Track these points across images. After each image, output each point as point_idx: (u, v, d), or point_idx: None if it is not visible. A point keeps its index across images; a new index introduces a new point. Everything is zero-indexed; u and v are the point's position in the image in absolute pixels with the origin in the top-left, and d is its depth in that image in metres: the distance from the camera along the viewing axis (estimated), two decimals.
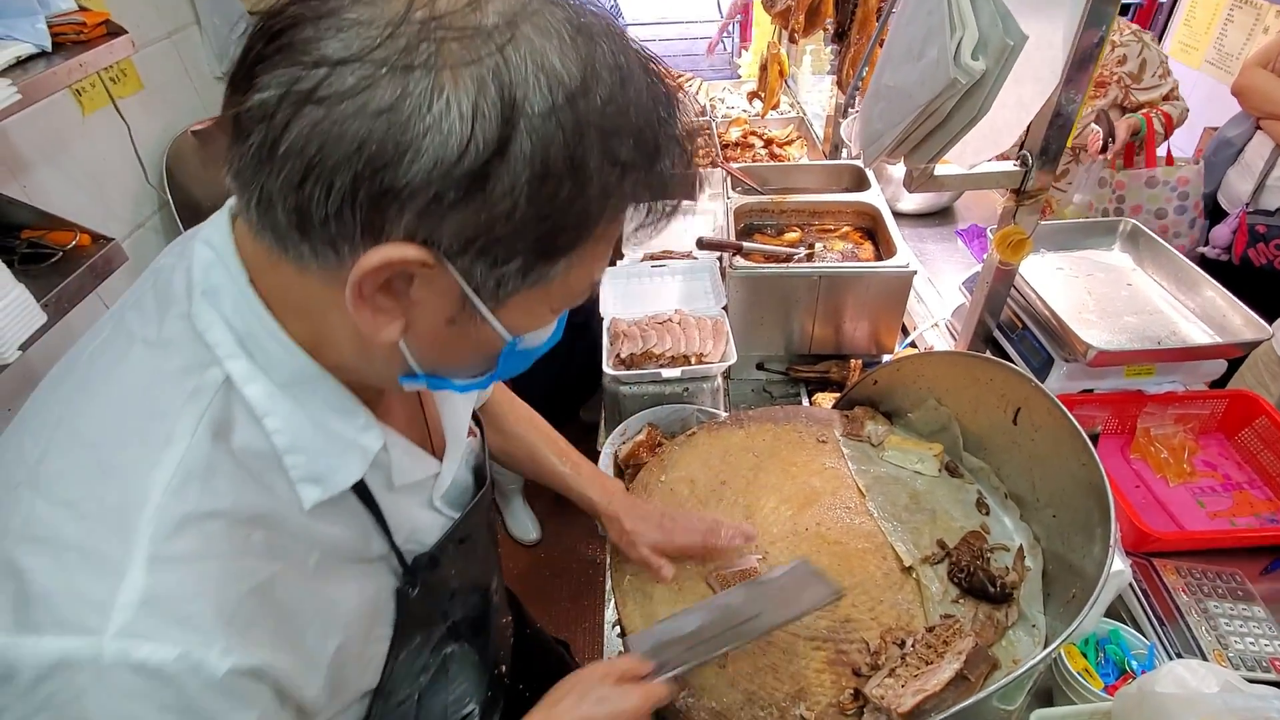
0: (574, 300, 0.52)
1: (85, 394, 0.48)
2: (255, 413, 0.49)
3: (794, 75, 3.00)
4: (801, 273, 1.50)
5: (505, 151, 0.40)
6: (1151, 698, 0.82)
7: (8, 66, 1.32)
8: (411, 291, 0.45)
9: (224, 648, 0.44)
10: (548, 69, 0.40)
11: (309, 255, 0.44)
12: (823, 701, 0.84)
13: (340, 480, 0.54)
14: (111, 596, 0.42)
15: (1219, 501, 1.27)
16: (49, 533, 0.43)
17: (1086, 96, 2.28)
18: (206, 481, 0.46)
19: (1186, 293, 1.44)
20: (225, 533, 0.47)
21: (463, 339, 0.49)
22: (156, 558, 0.43)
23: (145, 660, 0.42)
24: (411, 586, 0.64)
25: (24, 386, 1.56)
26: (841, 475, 1.13)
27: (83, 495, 0.44)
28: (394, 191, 0.40)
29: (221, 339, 0.49)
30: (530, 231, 0.43)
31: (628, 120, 0.43)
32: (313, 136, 0.39)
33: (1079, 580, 0.85)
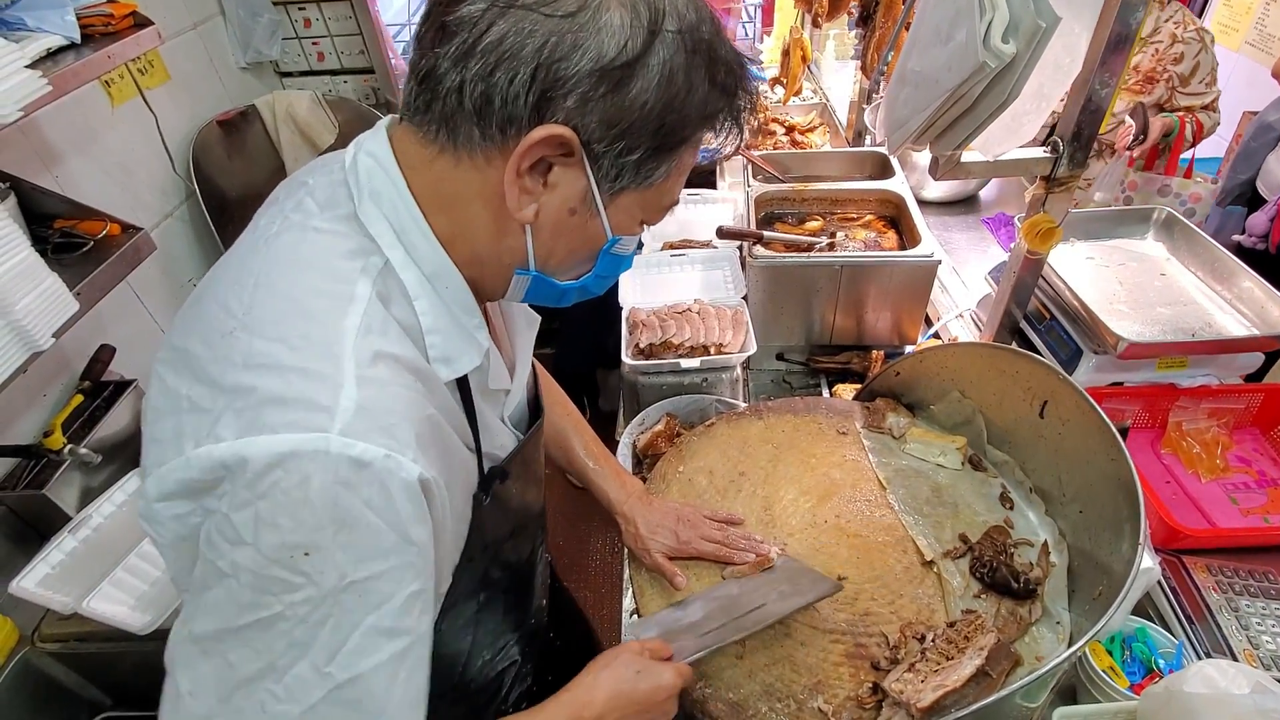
0: (658, 212, 0.64)
1: (275, 264, 0.57)
2: (409, 294, 0.59)
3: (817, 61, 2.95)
4: (823, 262, 1.48)
5: (646, 57, 0.53)
6: (1179, 698, 0.81)
7: (39, 59, 1.34)
8: (550, 177, 0.56)
9: (414, 456, 0.53)
10: (676, 6, 0.54)
11: (478, 139, 0.54)
12: (841, 695, 0.84)
13: (464, 364, 0.63)
14: (335, 402, 0.50)
15: (1253, 498, 1.24)
16: (270, 360, 0.51)
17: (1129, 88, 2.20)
18: (384, 332, 0.56)
19: (1223, 283, 1.40)
20: (403, 370, 0.56)
21: (577, 230, 0.61)
22: (362, 378, 0.52)
23: (361, 455, 0.49)
24: (485, 494, 0.71)
25: (59, 373, 1.61)
26: (862, 467, 1.12)
27: (292, 332, 0.53)
28: (563, 79, 0.51)
29: (383, 232, 0.58)
30: (651, 125, 0.55)
31: (722, 56, 0.57)
32: (509, 34, 0.50)
33: (1106, 577, 0.84)
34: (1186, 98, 2.22)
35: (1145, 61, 2.21)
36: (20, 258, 1.20)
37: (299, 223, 0.59)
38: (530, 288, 0.65)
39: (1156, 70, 2.20)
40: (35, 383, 1.55)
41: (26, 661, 1.35)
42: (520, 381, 0.79)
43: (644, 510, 1.03)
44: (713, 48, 0.56)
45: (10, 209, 1.37)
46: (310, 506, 0.48)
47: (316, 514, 0.49)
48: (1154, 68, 2.20)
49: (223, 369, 0.52)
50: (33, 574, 1.32)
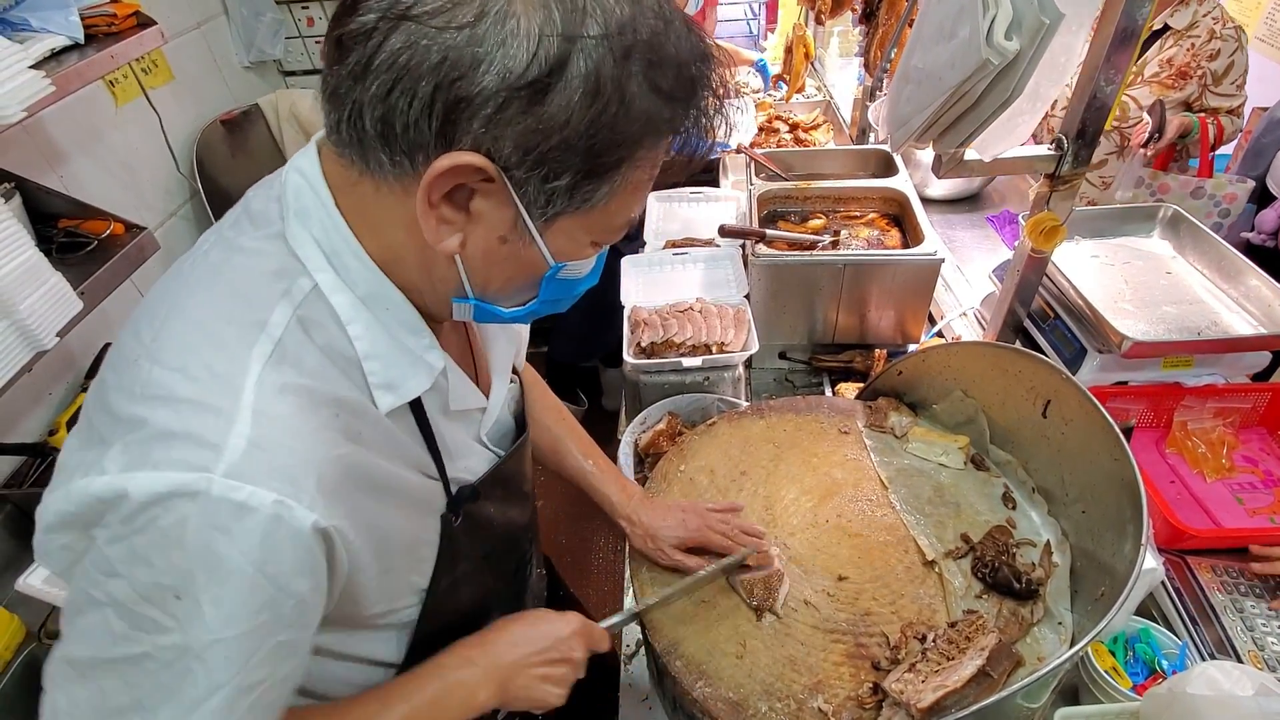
0: (611, 233, 0.58)
1: (192, 287, 0.55)
2: (340, 319, 0.55)
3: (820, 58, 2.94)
4: (825, 261, 1.48)
5: (563, 69, 0.46)
6: (1182, 699, 0.80)
7: (42, 59, 1.35)
8: (472, 205, 0.51)
9: (310, 502, 0.50)
10: (602, 3, 0.47)
11: (388, 165, 0.50)
12: (841, 694, 0.84)
13: (410, 389, 0.59)
14: (223, 440, 0.47)
15: (1259, 498, 1.23)
16: (165, 391, 0.49)
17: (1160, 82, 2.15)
18: (298, 363, 0.52)
19: (1229, 281, 1.39)
20: (314, 406, 0.52)
21: (512, 259, 0.55)
22: (260, 413, 0.49)
23: (246, 500, 0.47)
24: (454, 515, 0.68)
25: (64, 372, 1.62)
26: (864, 467, 1.12)
27: (193, 362, 0.50)
28: (466, 100, 0.46)
29: (311, 254, 0.55)
30: (579, 146, 0.48)
31: (668, 56, 0.49)
32: (403, 50, 0.45)
33: (1108, 578, 0.83)
34: (1216, 98, 2.13)
35: (1180, 55, 2.11)
36: (24, 257, 1.21)
37: (229, 241, 0.57)
38: (475, 313, 0.60)
39: (1191, 66, 2.10)
40: (40, 382, 1.56)
41: (33, 658, 1.36)
42: (499, 398, 0.76)
43: (648, 511, 1.01)
44: (653, 48, 0.48)
45: (15, 209, 1.38)
46: (183, 549, 0.46)
47: (189, 559, 0.46)
48: (1189, 62, 2.10)
49: (121, 399, 0.50)
50: (39, 571, 1.32)
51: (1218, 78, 2.11)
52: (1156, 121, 2.07)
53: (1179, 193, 2.17)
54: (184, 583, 0.47)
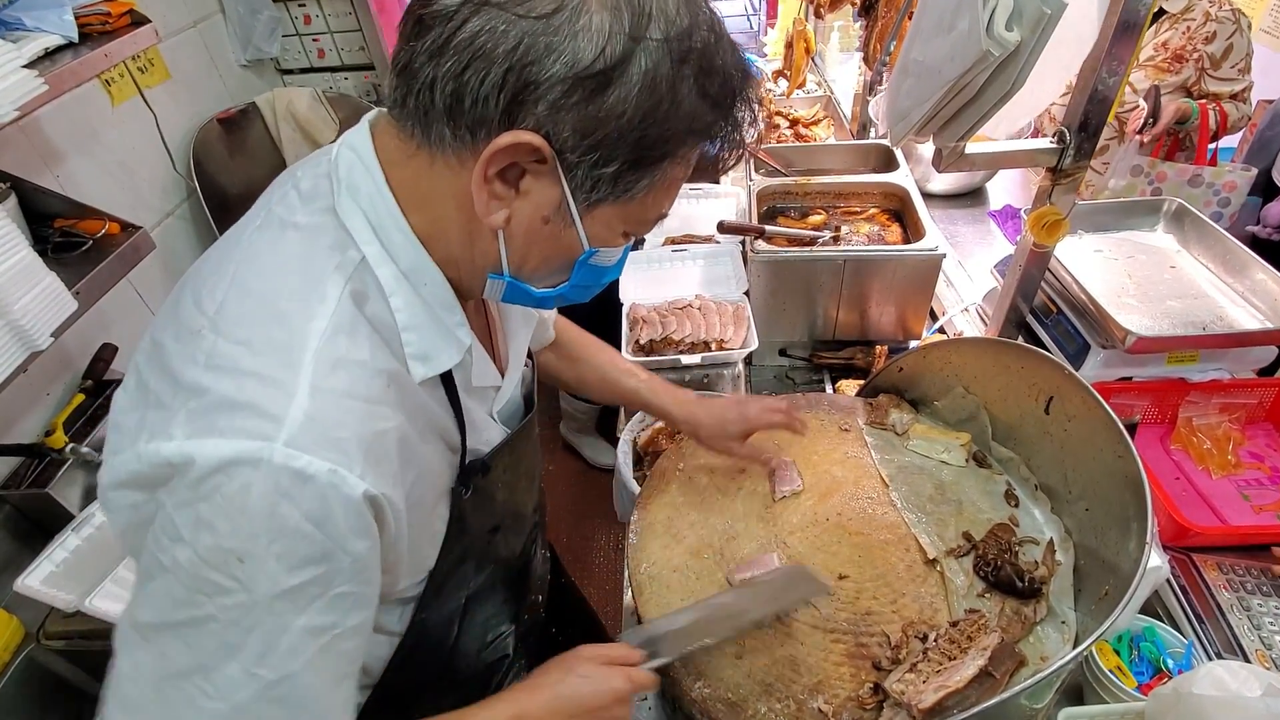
0: (644, 225, 0.62)
1: (251, 260, 0.57)
2: (384, 291, 0.58)
3: (821, 53, 2.92)
4: (825, 257, 1.46)
5: (626, 65, 0.50)
6: (1188, 699, 0.79)
7: (36, 58, 1.34)
8: (522, 183, 0.54)
9: (361, 472, 0.52)
10: (666, 11, 0.51)
11: (449, 139, 0.53)
12: (841, 695, 0.83)
13: (442, 362, 0.62)
14: (284, 411, 0.50)
15: (1266, 495, 1.22)
16: (230, 363, 0.51)
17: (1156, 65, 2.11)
18: (352, 336, 0.55)
19: (1235, 275, 1.37)
20: (367, 379, 0.55)
21: (551, 240, 0.58)
22: (317, 387, 0.52)
23: (304, 468, 0.50)
24: (465, 487, 0.70)
25: (60, 372, 1.61)
26: (864, 464, 1.10)
27: (256, 335, 0.53)
28: (535, 83, 0.49)
29: (360, 227, 0.58)
30: (630, 137, 0.52)
31: (716, 66, 0.54)
32: (482, 32, 0.48)
33: (1112, 576, 0.82)
34: (1216, 82, 2.09)
35: (1175, 39, 2.09)
36: (19, 257, 1.20)
37: (280, 217, 0.59)
38: (506, 292, 0.63)
39: (1186, 49, 2.08)
40: (37, 382, 1.56)
41: (31, 659, 1.36)
42: (513, 378, 0.78)
43: (703, 408, 1.05)
44: (705, 57, 0.52)
45: (10, 209, 1.37)
46: (248, 514, 0.49)
47: (253, 522, 0.49)
48: (1184, 45, 2.07)
49: (186, 366, 0.52)
50: (37, 572, 1.32)
51: (1215, 61, 2.08)
52: (1151, 107, 2.04)
53: (1176, 180, 2.14)
54: (248, 545, 0.49)
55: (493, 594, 0.85)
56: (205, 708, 0.51)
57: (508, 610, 0.90)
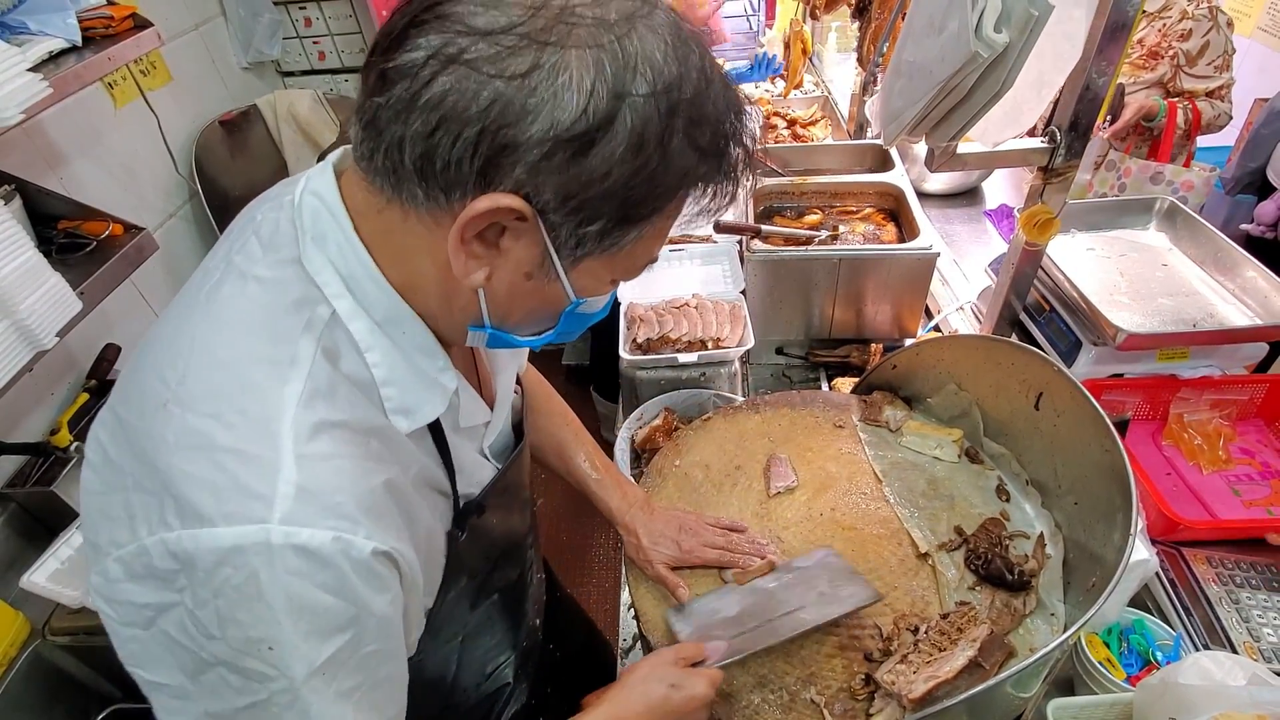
0: (632, 272, 0.59)
1: (212, 325, 0.54)
2: (359, 346, 0.56)
3: (818, 54, 2.93)
4: (821, 256, 1.48)
5: (611, 124, 0.46)
6: (1174, 689, 0.81)
7: (40, 61, 1.36)
8: (502, 242, 0.52)
9: (366, 533, 0.51)
10: (652, 62, 0.47)
11: (421, 199, 0.50)
12: (833, 686, 0.84)
13: (426, 414, 0.60)
14: (272, 489, 0.48)
15: (1256, 490, 1.23)
16: (203, 441, 0.49)
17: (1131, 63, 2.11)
18: (330, 397, 0.53)
19: (1226, 273, 1.39)
20: (351, 438, 0.53)
21: (534, 294, 0.56)
22: (302, 456, 0.49)
23: (306, 543, 0.48)
24: (460, 530, 0.69)
25: (65, 372, 1.63)
26: (858, 461, 1.12)
27: (227, 408, 0.50)
28: (511, 146, 0.46)
29: (329, 280, 0.55)
30: (617, 196, 0.49)
31: (707, 114, 0.51)
32: (451, 92, 0.45)
33: (1099, 568, 0.83)
34: (1191, 80, 2.10)
35: (1151, 36, 2.11)
36: (24, 258, 1.22)
37: (241, 269, 0.56)
38: (489, 341, 0.61)
39: (1161, 46, 2.09)
40: (42, 382, 1.57)
41: (37, 654, 1.37)
42: (502, 412, 0.77)
43: (646, 520, 1.00)
44: (696, 106, 0.49)
45: (15, 210, 1.39)
46: (264, 602, 0.48)
47: (272, 609, 0.48)
48: (1159, 43, 2.09)
49: (157, 447, 0.50)
50: (42, 569, 1.34)
51: (1191, 58, 2.08)
52: (1114, 103, 2.05)
53: (1140, 177, 2.16)
54: (273, 631, 0.48)
55: (490, 627, 0.84)
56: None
57: (507, 640, 0.90)
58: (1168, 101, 2.10)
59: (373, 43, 0.50)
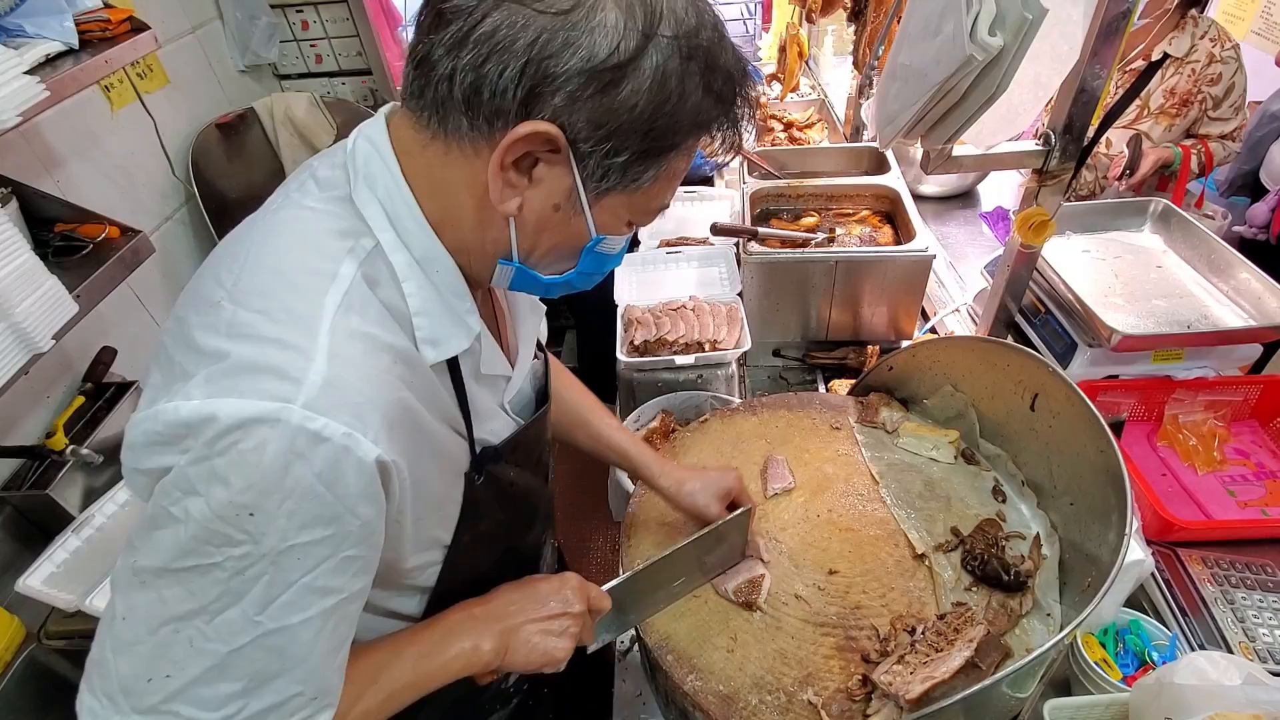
0: (647, 215, 0.65)
1: (268, 238, 0.59)
2: (398, 276, 0.60)
3: (815, 57, 2.95)
4: (817, 258, 1.48)
5: (638, 61, 0.52)
6: (1170, 689, 0.81)
7: (37, 64, 1.36)
8: (535, 172, 0.57)
9: (374, 437, 0.54)
10: (675, 11, 0.54)
11: (466, 128, 0.55)
12: (831, 687, 0.84)
13: (452, 346, 0.64)
14: (304, 375, 0.52)
15: (1251, 490, 1.23)
16: (250, 330, 0.53)
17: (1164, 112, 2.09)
18: (364, 311, 0.57)
19: (1220, 275, 1.39)
20: (380, 350, 0.57)
21: (560, 227, 0.61)
22: (335, 354, 0.53)
23: (320, 430, 0.51)
24: (477, 473, 0.73)
25: (61, 375, 1.63)
26: (855, 462, 1.12)
27: (274, 305, 0.54)
28: (552, 76, 0.51)
29: (375, 215, 0.60)
30: (640, 129, 0.55)
31: (721, 63, 0.57)
32: (502, 26, 0.51)
33: (1094, 568, 0.84)
34: (1212, 123, 2.08)
35: (1182, 84, 2.05)
36: (20, 261, 1.22)
37: (297, 201, 0.61)
38: (514, 278, 0.65)
39: (1193, 92, 2.04)
40: (38, 384, 1.57)
41: (32, 658, 1.36)
42: (523, 369, 0.80)
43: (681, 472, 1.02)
44: (711, 55, 0.55)
45: (11, 213, 1.38)
46: (262, 471, 0.50)
47: (267, 478, 0.50)
48: (1190, 90, 2.04)
49: (206, 335, 0.54)
50: (38, 572, 1.33)
51: (1217, 101, 2.06)
52: (1133, 155, 2.02)
53: None
54: (259, 499, 0.50)
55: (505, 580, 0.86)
56: (203, 649, 0.52)
57: None
58: (1181, 147, 2.06)
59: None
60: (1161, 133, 2.10)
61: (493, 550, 0.82)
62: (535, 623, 0.75)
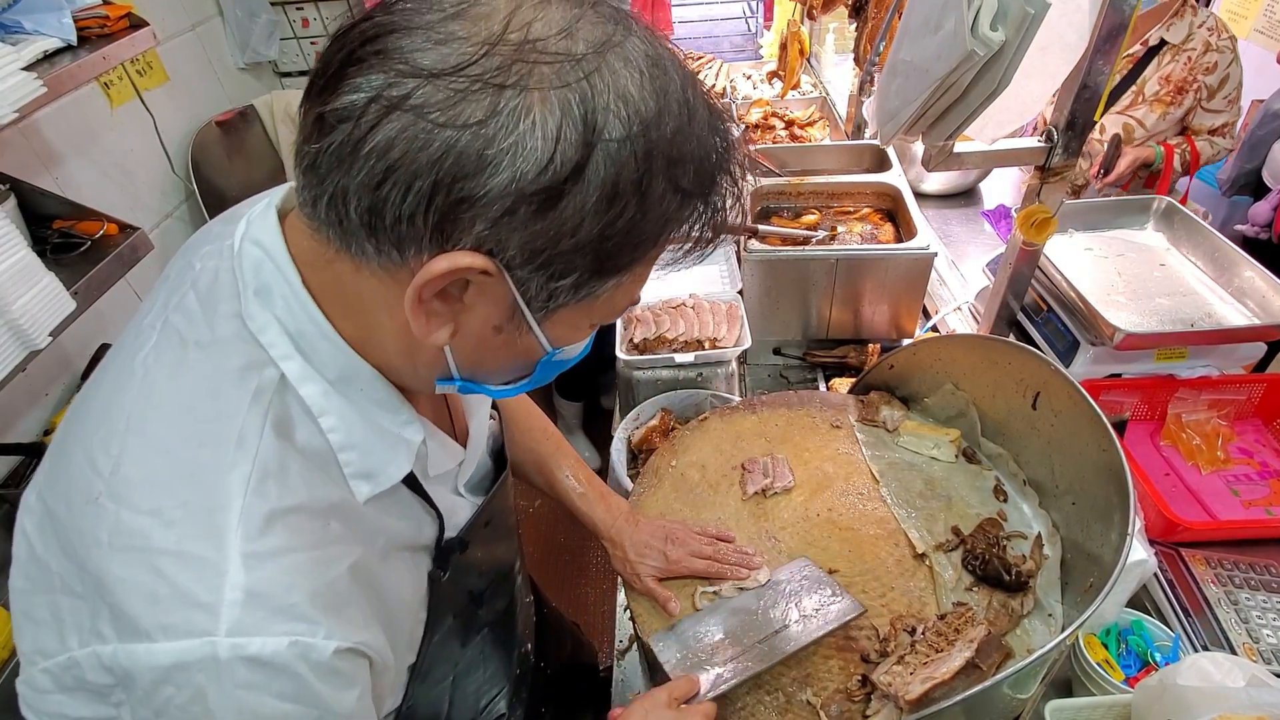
0: (613, 316, 0.54)
1: (149, 401, 0.48)
2: (311, 412, 0.51)
3: (817, 54, 2.94)
4: (818, 256, 1.47)
5: (581, 173, 0.42)
6: (1173, 690, 0.80)
7: (35, 61, 1.36)
8: (465, 297, 0.47)
9: (327, 631, 0.47)
10: (627, 98, 0.42)
11: (372, 253, 0.45)
12: (830, 687, 0.84)
13: (390, 475, 0.56)
14: (218, 597, 0.43)
15: (1255, 490, 1.23)
16: (140, 541, 0.44)
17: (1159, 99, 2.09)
18: (282, 479, 0.48)
19: (1223, 273, 1.38)
20: (307, 525, 0.48)
21: (506, 347, 0.51)
22: (251, 555, 0.45)
23: (259, 653, 0.43)
24: (442, 570, 0.65)
25: (59, 372, 1.62)
26: (855, 461, 1.11)
27: (167, 502, 0.45)
28: (470, 201, 0.41)
29: (276, 339, 0.50)
30: (591, 249, 0.44)
31: (690, 151, 0.46)
32: (398, 141, 0.40)
33: (1096, 568, 0.83)
34: (1205, 114, 2.07)
35: (1178, 71, 2.04)
36: (17, 257, 1.21)
37: (179, 332, 0.51)
38: (462, 390, 0.56)
39: (1187, 80, 2.04)
40: (37, 382, 1.57)
41: None
42: (478, 447, 0.73)
43: (631, 532, 0.98)
44: (677, 145, 0.44)
45: (9, 210, 1.38)
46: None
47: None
48: (1186, 77, 2.03)
49: (89, 547, 0.45)
50: None
51: (1212, 92, 2.05)
52: (1109, 156, 2.00)
53: None
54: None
55: (483, 662, 0.82)
56: None
57: (500, 671, 0.88)
58: (1164, 146, 2.06)
59: (308, 83, 0.45)
60: (1156, 120, 2.10)
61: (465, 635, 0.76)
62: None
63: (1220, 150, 2.11)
